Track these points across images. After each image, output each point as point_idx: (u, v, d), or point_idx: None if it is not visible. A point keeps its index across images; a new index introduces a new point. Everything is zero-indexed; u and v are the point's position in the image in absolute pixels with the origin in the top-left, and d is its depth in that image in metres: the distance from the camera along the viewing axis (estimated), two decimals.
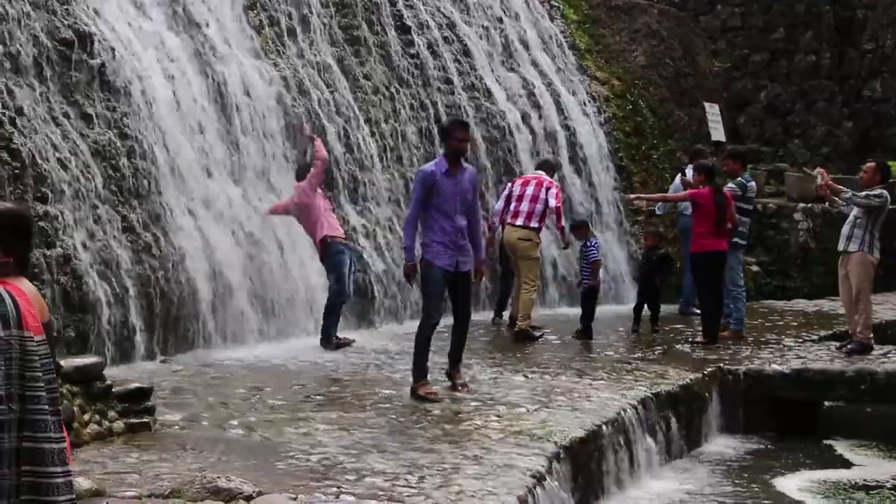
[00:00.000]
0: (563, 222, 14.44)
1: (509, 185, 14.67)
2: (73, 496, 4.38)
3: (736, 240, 14.11)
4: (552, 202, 13.85)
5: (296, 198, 12.94)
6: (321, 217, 12.80)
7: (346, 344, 12.71)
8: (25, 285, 4.51)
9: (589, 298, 14.37)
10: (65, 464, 4.33)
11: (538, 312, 15.59)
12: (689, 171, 15.35)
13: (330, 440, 8.13)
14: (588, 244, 14.35)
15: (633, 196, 16.97)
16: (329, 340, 12.67)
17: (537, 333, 14.00)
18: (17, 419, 4.25)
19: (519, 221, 13.88)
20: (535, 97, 19.02)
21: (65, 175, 10.93)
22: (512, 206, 14.01)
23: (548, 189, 13.94)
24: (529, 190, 13.95)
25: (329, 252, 12.76)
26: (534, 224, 13.86)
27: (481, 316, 15.59)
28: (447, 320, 10.47)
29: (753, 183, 14.88)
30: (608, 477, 9.15)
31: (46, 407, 4.30)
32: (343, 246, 12.90)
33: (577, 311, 15.11)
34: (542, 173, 14.44)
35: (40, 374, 4.31)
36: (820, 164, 19.70)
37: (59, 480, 4.29)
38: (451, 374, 10.24)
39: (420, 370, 9.92)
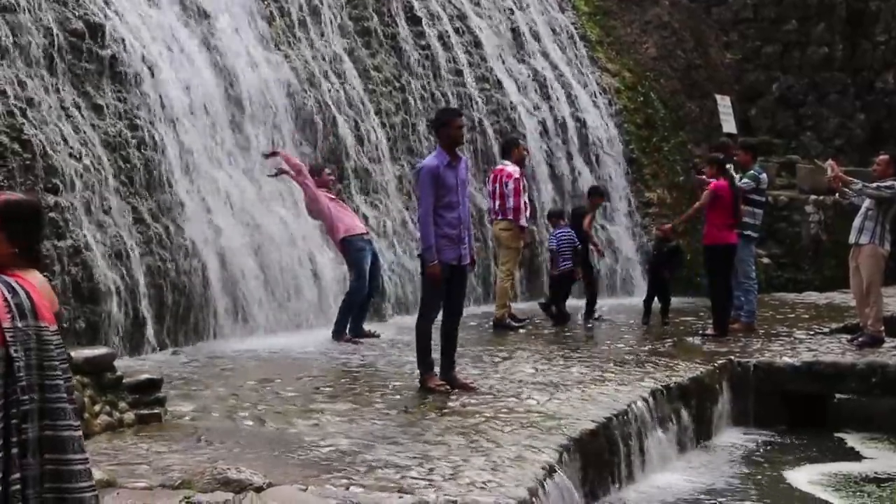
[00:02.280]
0: (522, 220, 14.20)
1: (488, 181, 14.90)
2: (93, 482, 4.41)
3: (749, 232, 14.09)
4: (510, 201, 13.93)
5: (306, 198, 12.92)
6: (334, 220, 12.75)
7: (358, 340, 12.66)
8: (35, 277, 4.52)
9: (554, 285, 15.05)
10: (83, 451, 4.38)
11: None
12: None
13: (340, 431, 8.13)
14: (550, 234, 14.87)
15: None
16: (341, 334, 12.66)
17: (516, 323, 14.12)
18: (38, 408, 4.29)
19: (499, 216, 14.22)
20: (545, 89, 19.01)
21: (75, 166, 10.95)
22: (490, 204, 14.49)
23: (505, 183, 13.98)
24: (497, 187, 14.16)
25: (350, 249, 12.73)
26: (510, 217, 14.07)
27: (483, 308, 15.59)
28: None
29: (765, 175, 14.86)
30: (619, 469, 9.13)
31: (64, 395, 4.35)
32: (364, 242, 12.84)
33: (581, 301, 15.56)
34: (504, 163, 14.40)
35: (57, 363, 4.35)
36: (832, 156, 19.65)
37: (80, 467, 4.33)
38: (452, 379, 9.81)
39: (426, 364, 9.84)
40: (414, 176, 11.08)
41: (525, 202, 14.21)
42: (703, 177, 14.99)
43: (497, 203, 14.11)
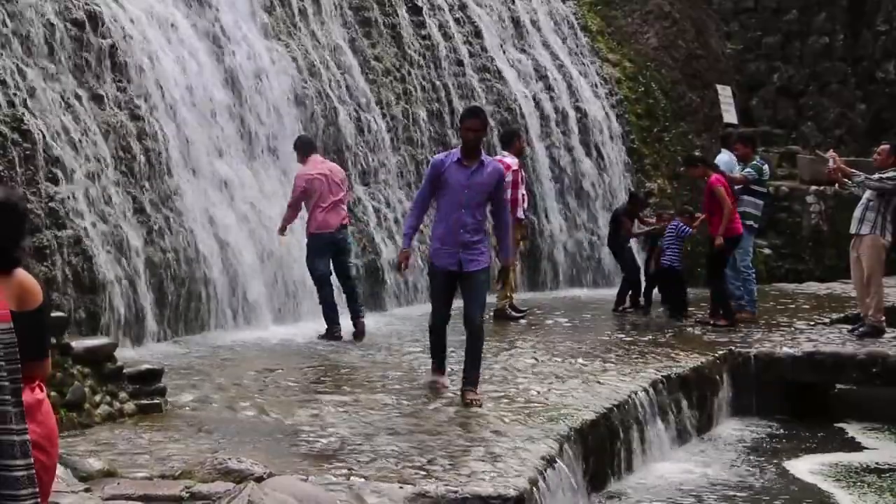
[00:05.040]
0: (519, 213, 13.88)
1: None
2: (37, 489, 4.15)
3: (750, 223, 14.08)
4: (507, 193, 13.71)
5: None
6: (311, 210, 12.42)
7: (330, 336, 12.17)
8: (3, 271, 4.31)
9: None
10: (27, 457, 4.12)
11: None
12: (724, 156, 15.25)
13: (341, 422, 8.14)
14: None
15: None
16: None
17: (517, 314, 14.11)
18: None
19: None
20: (546, 79, 18.96)
21: (76, 156, 10.93)
22: None
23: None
24: None
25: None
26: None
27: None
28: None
29: (767, 166, 14.87)
30: (619, 459, 9.14)
31: (9, 397, 4.10)
32: (314, 240, 12.33)
33: (583, 292, 16.30)
34: (503, 154, 14.24)
35: (3, 363, 4.10)
36: (833, 146, 19.64)
37: (21, 474, 4.10)
38: (463, 393, 9.03)
39: (434, 360, 9.67)
40: None
41: (523, 194, 14.17)
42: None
43: None
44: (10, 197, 4.47)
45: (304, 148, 12.70)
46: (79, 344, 8.11)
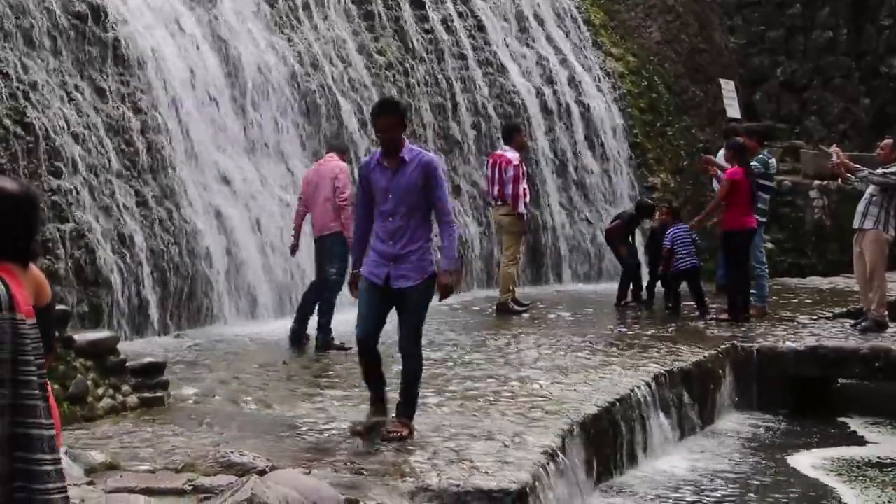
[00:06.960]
0: (520, 208, 14.02)
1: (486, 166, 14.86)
2: (65, 484, 4.18)
3: (757, 217, 14.04)
4: (508, 189, 13.84)
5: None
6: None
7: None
8: (19, 265, 4.26)
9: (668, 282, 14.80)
10: (54, 451, 4.15)
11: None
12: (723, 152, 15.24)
13: (343, 415, 8.13)
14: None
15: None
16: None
17: (520, 308, 14.12)
18: (9, 404, 4.07)
19: (500, 201, 14.18)
20: (549, 73, 18.95)
21: (78, 149, 10.94)
22: (489, 189, 14.46)
23: (505, 170, 13.91)
24: (496, 173, 14.03)
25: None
26: (510, 202, 14.01)
27: (487, 293, 15.57)
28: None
29: (774, 160, 14.83)
30: (621, 453, 9.13)
31: (37, 392, 4.12)
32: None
33: (585, 286, 16.41)
34: (504, 149, 14.33)
35: (32, 357, 4.13)
36: (837, 140, 19.62)
37: (49, 468, 4.12)
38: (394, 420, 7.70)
39: (369, 389, 7.93)
40: None
41: (524, 188, 14.18)
42: (712, 157, 14.92)
43: (496, 189, 14.07)
44: (29, 190, 4.47)
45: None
46: (81, 337, 8.11)
